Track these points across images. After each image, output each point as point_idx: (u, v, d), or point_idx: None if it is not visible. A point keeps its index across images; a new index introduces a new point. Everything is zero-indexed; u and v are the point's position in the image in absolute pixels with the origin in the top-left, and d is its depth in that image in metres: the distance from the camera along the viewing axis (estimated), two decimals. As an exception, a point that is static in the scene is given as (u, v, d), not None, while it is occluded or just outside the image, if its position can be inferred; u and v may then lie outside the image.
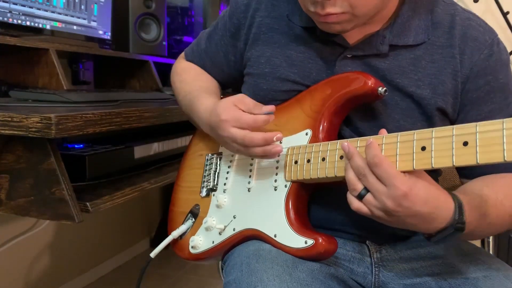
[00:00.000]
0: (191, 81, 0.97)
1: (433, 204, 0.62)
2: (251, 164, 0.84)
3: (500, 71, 0.77)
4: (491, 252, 1.64)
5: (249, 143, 0.75)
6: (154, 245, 2.49)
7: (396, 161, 0.63)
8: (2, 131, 0.82)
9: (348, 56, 0.79)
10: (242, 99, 0.78)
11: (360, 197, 0.64)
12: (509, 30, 1.89)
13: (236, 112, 0.75)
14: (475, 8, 2.00)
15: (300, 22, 0.83)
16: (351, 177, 0.65)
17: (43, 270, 1.79)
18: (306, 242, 0.72)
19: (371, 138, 0.65)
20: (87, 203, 0.92)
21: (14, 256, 1.64)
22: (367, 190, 0.63)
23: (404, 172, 0.62)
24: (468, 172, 0.80)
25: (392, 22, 0.78)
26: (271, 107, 0.77)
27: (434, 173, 0.88)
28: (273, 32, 0.86)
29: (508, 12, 1.87)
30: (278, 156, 0.80)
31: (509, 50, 1.93)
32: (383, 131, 0.67)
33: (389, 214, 0.62)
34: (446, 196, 0.64)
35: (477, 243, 1.58)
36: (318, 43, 0.82)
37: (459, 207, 0.63)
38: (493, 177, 0.76)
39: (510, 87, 0.78)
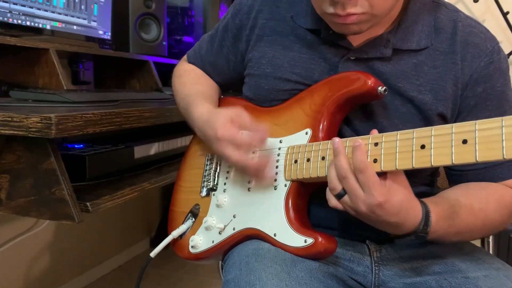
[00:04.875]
0: (190, 84, 0.97)
1: (403, 216, 0.66)
2: None
3: (498, 79, 0.78)
4: (491, 252, 1.64)
5: (242, 169, 0.78)
6: (154, 245, 2.49)
7: (396, 159, 0.63)
8: (2, 131, 0.82)
9: (351, 58, 0.79)
10: (239, 114, 0.78)
11: (338, 196, 0.68)
12: (509, 30, 1.89)
13: (232, 131, 0.76)
14: (475, 8, 2.00)
15: (305, 24, 0.83)
16: (332, 176, 0.67)
17: (43, 270, 1.79)
18: (305, 241, 0.72)
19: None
20: (87, 203, 0.92)
21: (14, 256, 1.64)
22: (345, 191, 0.66)
23: (386, 174, 0.64)
24: (458, 179, 0.81)
25: (396, 26, 0.78)
26: (266, 130, 0.77)
27: (433, 176, 0.89)
28: (276, 34, 0.86)
29: (508, 12, 1.87)
30: (278, 155, 0.80)
31: (509, 50, 1.94)
32: (374, 131, 0.68)
33: (360, 215, 0.67)
34: (416, 208, 0.67)
35: (477, 242, 1.58)
36: (322, 45, 0.82)
37: (426, 218, 0.67)
38: (474, 187, 0.77)
39: (506, 96, 0.79)
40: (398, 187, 0.65)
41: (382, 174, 0.65)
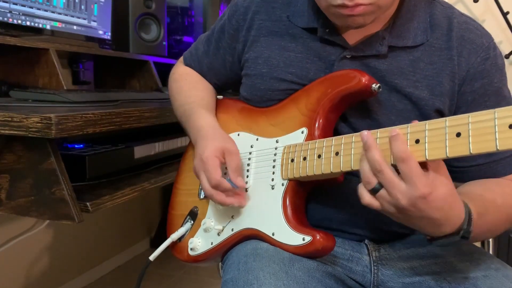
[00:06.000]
0: (188, 89, 0.98)
1: (446, 211, 0.61)
2: (248, 164, 0.84)
3: (495, 75, 0.78)
4: (491, 252, 1.64)
5: (206, 194, 0.80)
6: (154, 245, 2.50)
7: (391, 154, 0.63)
8: (2, 131, 0.82)
9: (347, 56, 0.79)
10: (232, 153, 0.81)
11: (374, 191, 0.63)
12: (509, 30, 1.89)
13: (212, 165, 0.78)
14: (475, 8, 2.00)
15: (301, 23, 0.83)
16: (366, 170, 0.63)
17: (43, 270, 1.79)
18: (303, 239, 0.72)
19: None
20: (87, 203, 0.92)
21: (14, 256, 1.64)
22: (381, 184, 0.62)
23: (427, 169, 0.61)
24: (460, 176, 0.81)
25: (391, 23, 0.78)
26: (241, 184, 0.79)
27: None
28: (272, 34, 0.86)
29: (508, 12, 1.87)
30: (275, 155, 0.81)
31: (509, 50, 1.94)
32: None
33: (400, 211, 0.62)
34: (460, 205, 0.63)
35: (477, 243, 1.58)
36: (318, 44, 0.82)
37: (469, 217, 0.64)
38: (489, 182, 0.77)
39: (503, 91, 0.79)
40: (442, 179, 0.61)
41: (422, 165, 0.60)
